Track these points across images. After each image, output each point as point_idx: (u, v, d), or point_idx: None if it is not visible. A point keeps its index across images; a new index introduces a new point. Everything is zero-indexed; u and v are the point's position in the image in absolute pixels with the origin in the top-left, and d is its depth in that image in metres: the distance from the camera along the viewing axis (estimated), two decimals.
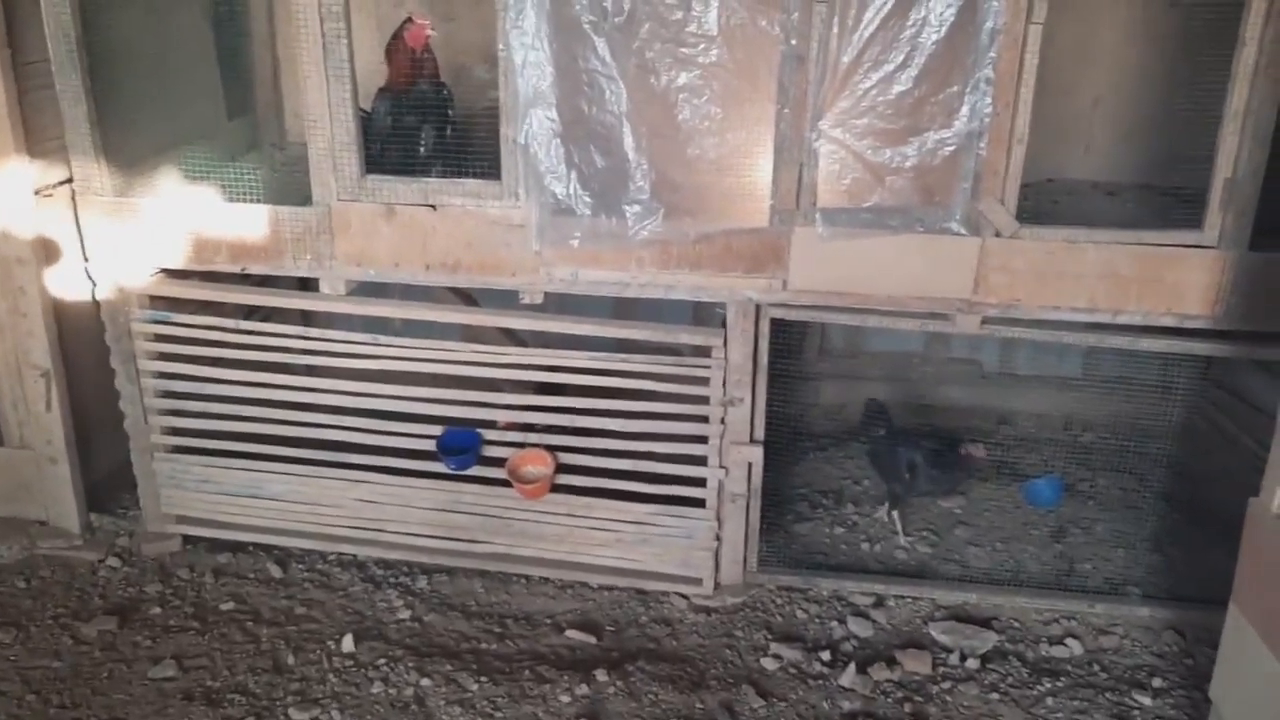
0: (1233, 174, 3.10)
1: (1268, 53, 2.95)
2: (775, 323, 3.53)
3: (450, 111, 3.56)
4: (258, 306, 3.78)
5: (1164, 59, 4.06)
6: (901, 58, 3.07)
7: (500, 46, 3.12)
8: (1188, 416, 4.05)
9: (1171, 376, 3.72)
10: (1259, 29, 2.94)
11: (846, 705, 3.26)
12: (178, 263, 3.63)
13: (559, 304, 3.89)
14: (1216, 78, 3.07)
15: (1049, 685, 3.34)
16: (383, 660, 3.38)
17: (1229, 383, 4.21)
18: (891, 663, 3.42)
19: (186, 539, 3.99)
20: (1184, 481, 4.34)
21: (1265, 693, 2.60)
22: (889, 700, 3.28)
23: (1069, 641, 3.54)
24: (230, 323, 3.69)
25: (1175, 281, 3.24)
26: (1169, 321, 3.31)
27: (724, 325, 3.51)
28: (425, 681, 3.29)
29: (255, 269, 3.59)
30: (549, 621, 3.64)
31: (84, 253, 3.65)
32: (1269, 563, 2.64)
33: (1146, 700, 3.28)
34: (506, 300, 3.62)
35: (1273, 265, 3.18)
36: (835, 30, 3.04)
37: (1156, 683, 3.36)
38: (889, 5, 3.00)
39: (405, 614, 3.64)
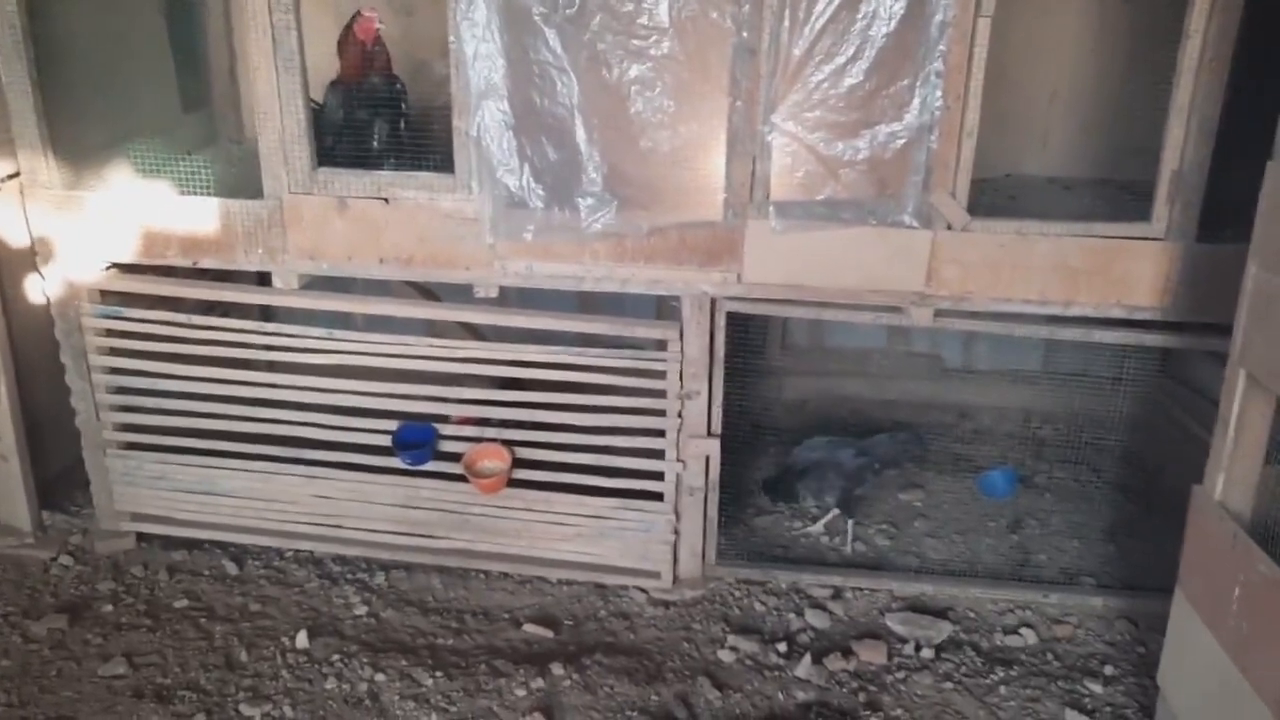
0: (1179, 166, 3.13)
1: (1211, 47, 2.98)
2: (732, 316, 3.53)
3: (403, 105, 3.54)
4: (218, 301, 3.74)
5: (1118, 54, 4.09)
6: (852, 50, 3.08)
7: (451, 38, 3.12)
8: (1141, 407, 4.08)
9: (1125, 368, 3.76)
10: (1203, 23, 2.97)
11: (801, 696, 3.27)
12: (129, 257, 3.59)
13: (520, 298, 3.89)
14: (1166, 72, 3.10)
15: (1002, 674, 3.36)
16: (337, 656, 3.36)
17: (1181, 374, 4.26)
18: (847, 653, 3.44)
19: (140, 536, 3.95)
20: (1138, 472, 4.40)
21: (1210, 677, 2.64)
22: (844, 690, 3.29)
23: (1023, 631, 3.57)
24: (182, 317, 3.66)
25: (1124, 273, 3.27)
26: (1119, 313, 3.34)
27: (680, 319, 3.51)
28: (380, 677, 3.27)
29: (207, 263, 3.56)
30: (507, 616, 3.64)
31: (33, 247, 3.60)
32: (1212, 548, 2.67)
33: (1098, 688, 3.31)
34: (467, 295, 3.61)
35: (1219, 257, 3.20)
36: (786, 23, 3.05)
37: (1108, 671, 3.39)
38: None
39: (362, 610, 3.63)
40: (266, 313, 4.17)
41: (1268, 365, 2.48)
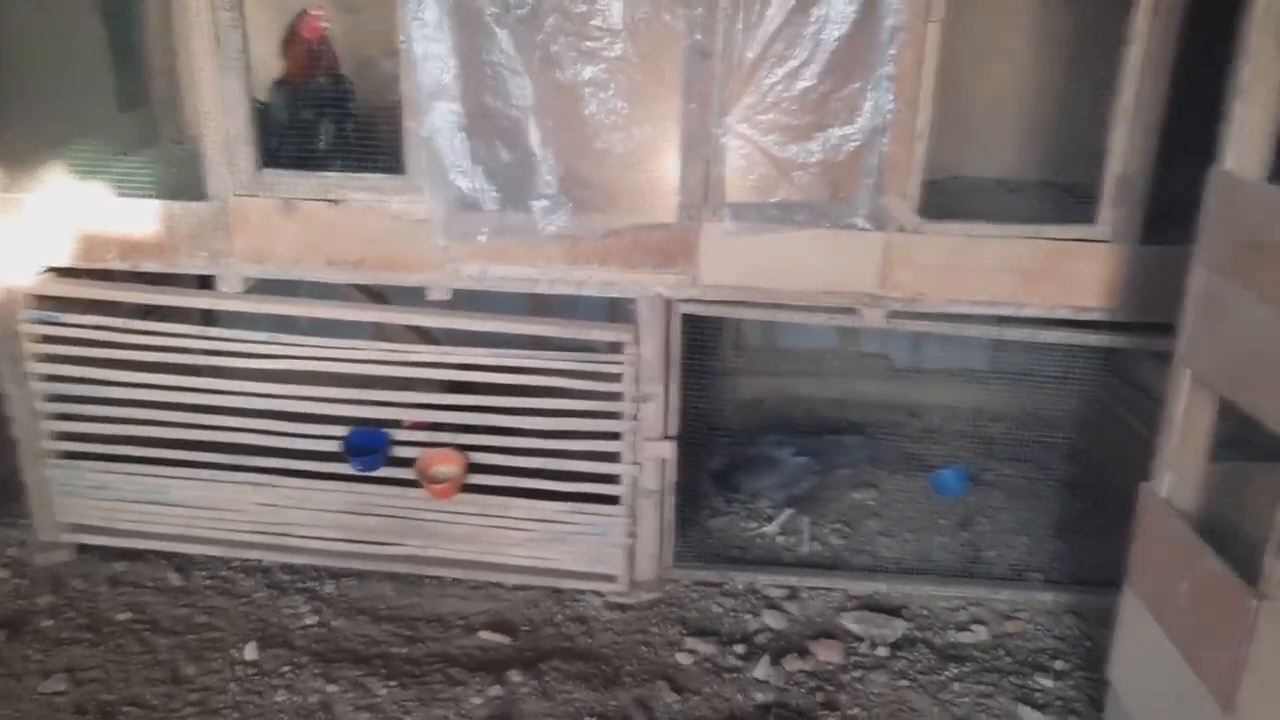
0: (1123, 170, 3.18)
1: (1154, 51, 3.04)
2: (687, 318, 3.53)
3: (351, 105, 3.48)
4: (157, 305, 3.65)
5: (1061, 57, 4.16)
6: (805, 54, 3.09)
7: (401, 38, 3.07)
8: (1088, 406, 4.16)
9: (1072, 368, 3.82)
10: (1145, 27, 3.02)
11: (760, 697, 3.27)
12: (66, 260, 3.49)
13: (473, 301, 3.84)
14: (1110, 76, 3.15)
15: (955, 670, 3.40)
16: (287, 667, 3.30)
17: (1127, 373, 4.34)
18: (804, 653, 3.45)
19: (81, 548, 3.84)
20: (1085, 469, 4.48)
21: (1159, 671, 2.69)
22: (801, 690, 3.30)
23: (975, 627, 3.62)
24: (122, 322, 3.56)
25: (1071, 274, 3.32)
26: (1067, 314, 3.40)
27: (636, 321, 3.50)
28: (331, 688, 3.22)
29: (148, 266, 3.47)
30: (461, 623, 3.59)
31: None
32: (1159, 545, 2.72)
33: (1048, 683, 3.36)
34: (417, 298, 3.56)
35: (1163, 258, 3.26)
36: (740, 26, 3.05)
37: (1058, 665, 3.45)
38: (792, 1, 3.02)
39: (312, 620, 3.56)
40: (209, 317, 4.07)
41: (1212, 365, 2.53)
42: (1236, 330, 2.42)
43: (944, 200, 3.78)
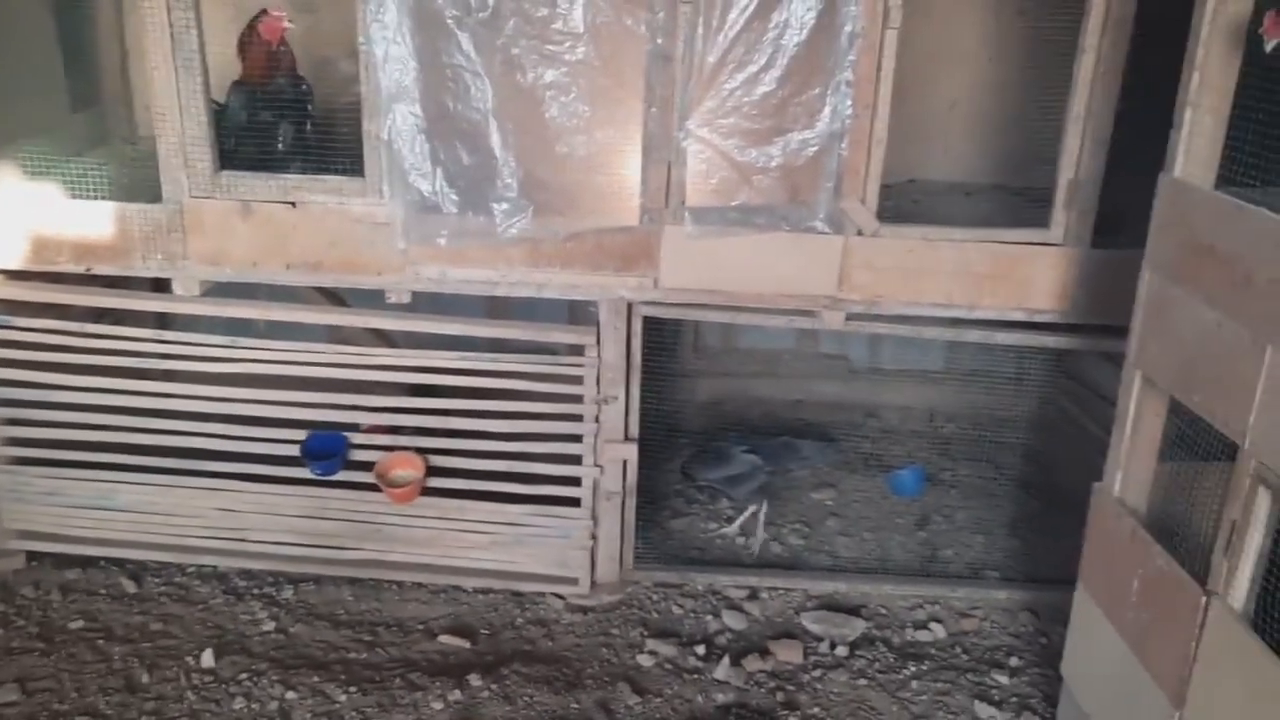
0: (1075, 175, 3.25)
1: (1105, 61, 3.11)
2: (648, 321, 3.54)
3: (310, 107, 3.45)
4: (110, 309, 3.59)
5: (1015, 64, 4.23)
6: (765, 59, 3.12)
7: (361, 40, 3.05)
8: (1043, 407, 4.23)
9: (1026, 369, 3.89)
10: (1097, 38, 3.09)
11: (721, 698, 3.29)
12: (16, 263, 3.42)
13: (434, 304, 3.82)
14: (1062, 83, 3.22)
15: (914, 669, 3.44)
16: (245, 675, 3.26)
17: (1080, 374, 4.43)
18: (764, 653, 3.48)
19: (31, 555, 3.77)
20: (1040, 469, 4.56)
21: (1110, 666, 2.75)
22: (762, 690, 3.33)
23: (932, 626, 3.67)
24: (75, 326, 3.50)
25: (1025, 277, 3.38)
26: (1020, 316, 3.46)
27: (597, 324, 3.50)
28: (290, 694, 3.19)
29: (101, 269, 3.41)
30: (421, 627, 3.57)
31: None
32: (1111, 543, 2.78)
33: (1004, 679, 3.42)
34: (376, 300, 3.54)
35: (1113, 262, 3.33)
36: (700, 30, 3.07)
37: (1014, 662, 3.51)
38: (752, 7, 3.05)
39: (270, 626, 3.52)
40: (164, 320, 4.01)
41: (1162, 367, 2.59)
42: (1184, 333, 2.48)
43: (902, 204, 3.84)
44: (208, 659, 3.31)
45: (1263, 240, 2.18)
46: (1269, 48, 2.39)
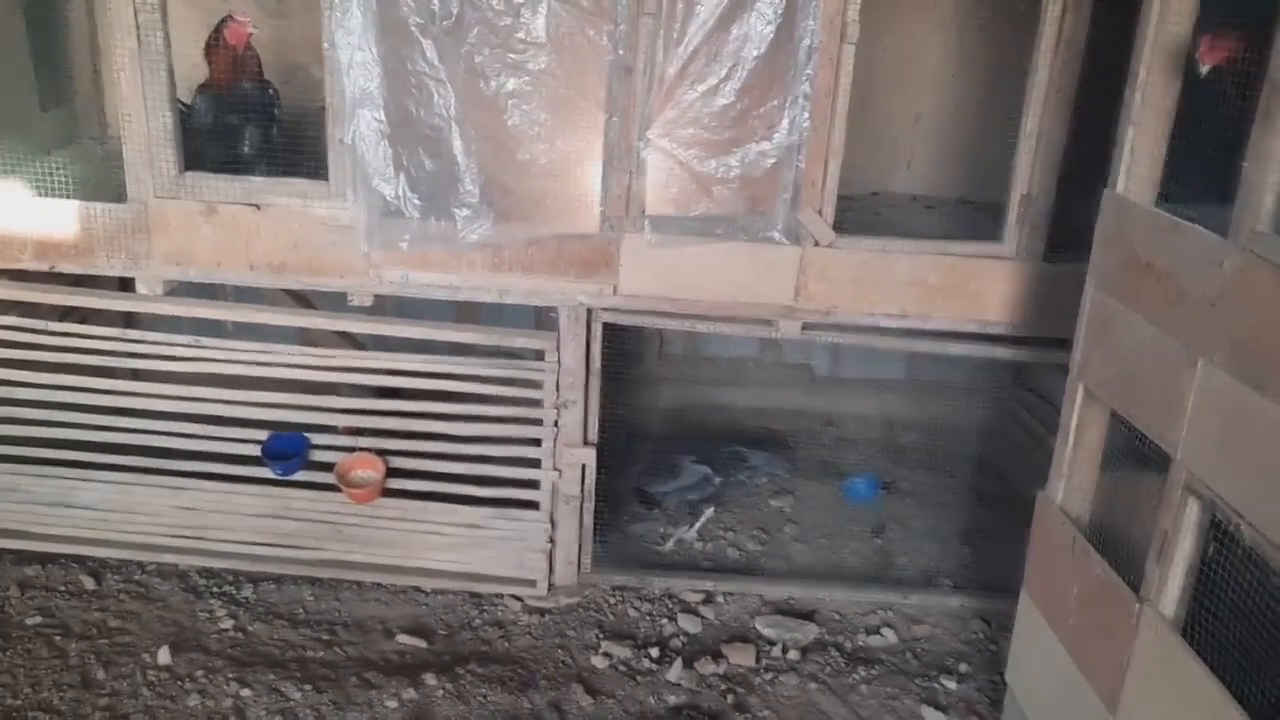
0: (1028, 190, 3.32)
1: (1057, 80, 3.18)
2: (611, 327, 3.59)
3: (275, 111, 3.48)
4: (75, 307, 3.60)
5: (977, 82, 4.31)
6: (725, 71, 3.17)
7: (326, 45, 3.09)
8: (995, 416, 4.30)
9: (981, 379, 3.96)
10: (1049, 58, 3.17)
11: (672, 699, 3.34)
12: None
13: (398, 307, 3.86)
14: (1020, 101, 3.29)
15: (864, 673, 3.50)
16: (201, 672, 3.28)
17: (1034, 385, 4.50)
18: (717, 656, 3.52)
19: None
20: (993, 477, 4.62)
21: (1052, 673, 2.81)
22: (713, 693, 3.37)
23: (884, 631, 3.72)
24: (38, 323, 3.51)
25: (978, 290, 3.45)
26: (973, 327, 3.53)
27: (557, 329, 3.55)
28: (245, 692, 3.21)
29: (65, 268, 3.43)
30: (380, 627, 3.60)
31: None
32: (1053, 552, 2.85)
33: (953, 685, 3.48)
34: (340, 303, 3.57)
35: (1064, 275, 3.40)
36: (661, 42, 3.13)
37: (963, 668, 3.57)
38: (713, 20, 3.11)
39: (228, 624, 3.54)
40: (130, 319, 4.03)
41: (1103, 380, 2.66)
42: (1124, 347, 2.54)
43: (863, 216, 3.90)
44: (164, 656, 3.32)
45: (1196, 256, 2.25)
46: (1203, 72, 2.48)
